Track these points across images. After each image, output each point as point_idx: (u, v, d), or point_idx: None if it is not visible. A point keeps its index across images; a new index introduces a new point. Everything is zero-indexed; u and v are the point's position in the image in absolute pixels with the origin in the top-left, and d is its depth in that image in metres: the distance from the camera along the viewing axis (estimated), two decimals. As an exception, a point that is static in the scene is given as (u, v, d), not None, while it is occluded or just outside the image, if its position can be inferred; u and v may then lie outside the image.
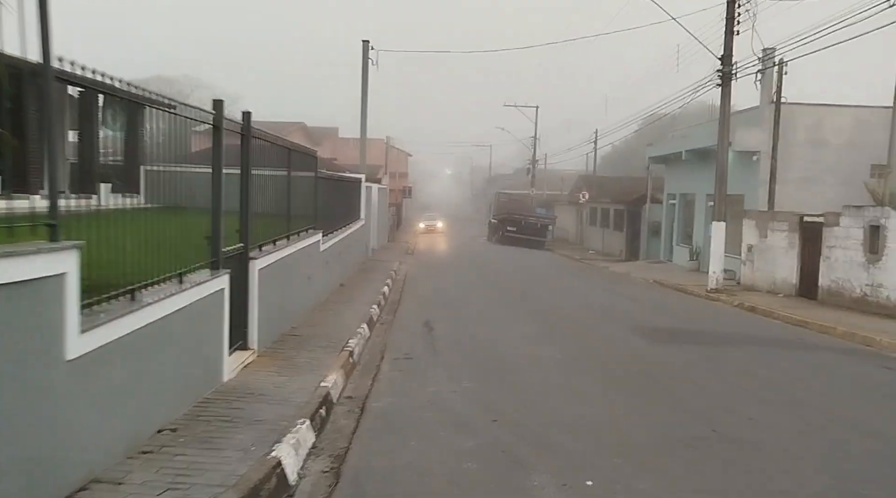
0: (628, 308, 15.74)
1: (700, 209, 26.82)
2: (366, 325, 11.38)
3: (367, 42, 23.19)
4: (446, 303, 15.53)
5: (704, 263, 26.21)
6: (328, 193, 15.54)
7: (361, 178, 23.53)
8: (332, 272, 15.37)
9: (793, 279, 18.63)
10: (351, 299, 14.52)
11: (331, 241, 14.88)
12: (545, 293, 18.23)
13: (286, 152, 10.34)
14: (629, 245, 35.18)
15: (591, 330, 12.07)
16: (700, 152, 25.68)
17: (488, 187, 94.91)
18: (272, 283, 9.11)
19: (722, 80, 19.78)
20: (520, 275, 23.79)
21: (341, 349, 9.09)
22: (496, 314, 13.77)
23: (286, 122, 57.93)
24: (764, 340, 11.96)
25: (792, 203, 21.08)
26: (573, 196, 50.08)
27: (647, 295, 19.43)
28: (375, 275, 20.22)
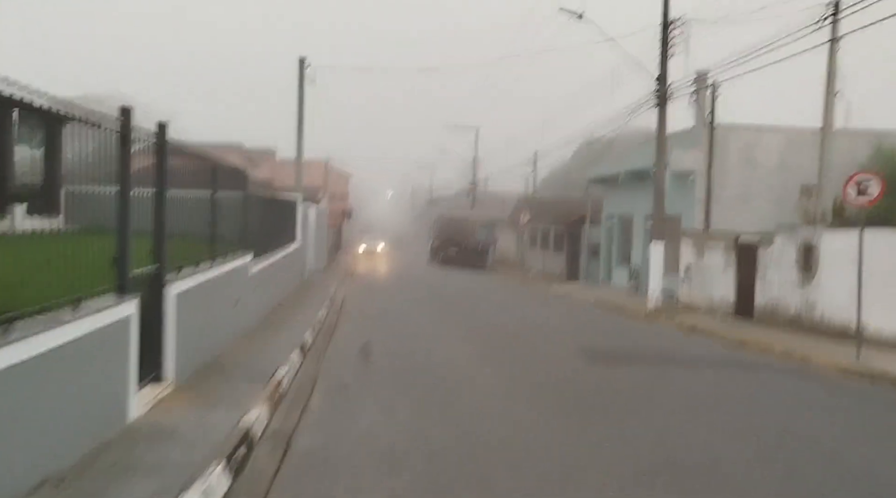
0: (570, 329, 15.50)
1: (638, 230, 27.06)
2: (297, 352, 10.73)
3: (304, 59, 22.63)
4: (385, 326, 14.97)
5: (643, 284, 26.40)
6: (260, 214, 14.86)
7: (297, 198, 22.82)
8: (265, 296, 14.64)
9: (730, 298, 18.79)
10: (284, 324, 13.81)
11: (262, 263, 14.18)
12: (487, 314, 17.86)
13: (211, 169, 9.69)
14: (569, 266, 35.29)
15: (534, 352, 11.70)
16: (637, 173, 25.94)
17: (430, 209, 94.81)
18: (193, 308, 8.42)
19: (658, 100, 20.01)
20: (461, 296, 23.40)
21: (268, 380, 8.44)
22: (436, 336, 13.29)
23: (223, 143, 56.53)
24: (706, 361, 11.83)
25: (727, 223, 21.40)
26: (514, 217, 50.25)
27: (588, 316, 19.29)
28: (313, 298, 19.50)
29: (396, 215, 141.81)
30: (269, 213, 16.14)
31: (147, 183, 7.74)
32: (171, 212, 7.80)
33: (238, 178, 11.97)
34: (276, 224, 17.50)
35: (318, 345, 12.50)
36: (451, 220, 50.72)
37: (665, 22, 19.47)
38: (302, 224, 23.45)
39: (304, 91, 22.64)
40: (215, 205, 9.95)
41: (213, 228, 9.91)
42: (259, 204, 14.64)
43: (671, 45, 19.65)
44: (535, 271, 39.65)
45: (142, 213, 6.60)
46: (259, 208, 14.64)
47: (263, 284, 14.37)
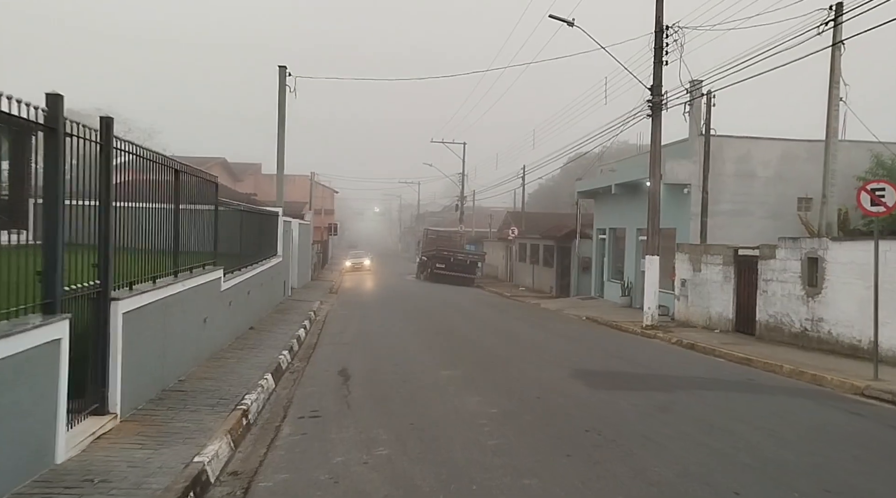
0: (564, 348, 14.64)
1: (631, 244, 26.35)
2: (270, 375, 9.80)
3: (285, 68, 21.81)
4: (367, 346, 14.05)
5: (637, 299, 25.65)
6: (234, 226, 13.96)
7: (278, 211, 21.92)
8: (239, 314, 13.70)
9: (729, 314, 18.03)
10: (259, 344, 12.87)
11: (236, 279, 13.25)
12: (475, 333, 16.97)
13: (173, 174, 8.81)
14: (559, 281, 34.52)
15: (527, 375, 10.80)
16: (630, 186, 25.28)
17: (416, 225, 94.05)
18: (148, 328, 7.51)
19: (652, 110, 19.33)
20: (448, 313, 22.50)
21: (234, 408, 7.52)
22: (421, 358, 12.37)
23: (206, 157, 55.54)
24: (713, 383, 10.97)
25: (722, 236, 20.72)
26: (502, 232, 49.53)
27: (582, 333, 18.45)
28: (292, 315, 18.55)
29: (383, 232, 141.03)
30: (246, 227, 15.24)
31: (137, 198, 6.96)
32: (129, 223, 6.94)
33: (206, 187, 11.08)
34: (254, 238, 16.58)
35: (294, 366, 11.58)
36: (439, 236, 49.95)
37: (658, 28, 18.83)
38: (283, 238, 22.53)
39: (284, 99, 21.81)
40: (179, 216, 9.06)
41: (177, 240, 9.02)
42: (233, 216, 13.74)
43: (665, 52, 19.02)
44: (525, 287, 38.84)
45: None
46: (233, 221, 13.74)
47: (238, 301, 13.44)
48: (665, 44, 18.90)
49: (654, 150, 19.42)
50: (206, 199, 11.16)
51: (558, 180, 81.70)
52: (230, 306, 12.60)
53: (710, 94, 20.20)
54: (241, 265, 14.23)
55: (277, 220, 21.84)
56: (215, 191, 11.62)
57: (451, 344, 14.50)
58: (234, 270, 13.29)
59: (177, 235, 8.98)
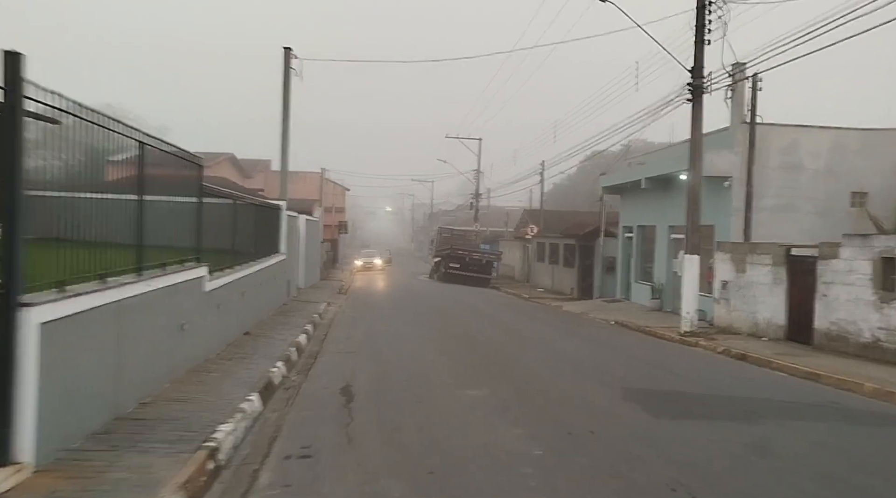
0: (601, 359, 12.83)
1: (662, 242, 24.48)
2: (257, 395, 8.09)
3: (289, 49, 20.13)
4: (376, 355, 12.30)
5: (668, 302, 23.80)
6: (225, 219, 12.28)
7: (281, 205, 20.25)
8: (231, 317, 12.01)
9: (780, 320, 16.15)
10: (252, 353, 11.18)
11: (227, 278, 11.56)
12: (498, 339, 15.21)
13: (138, 148, 7.12)
14: (581, 282, 32.66)
15: (569, 395, 8.98)
16: (662, 180, 23.42)
17: (430, 224, 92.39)
18: (88, 340, 5.81)
19: (693, 94, 17.46)
20: (466, 317, 20.73)
21: (200, 445, 5.80)
22: (439, 371, 10.60)
23: (214, 152, 54.08)
24: (794, 409, 9.01)
25: (765, 234, 18.86)
26: (519, 231, 47.71)
27: (615, 340, 16.63)
28: (295, 318, 16.87)
29: (395, 231, 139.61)
30: (241, 220, 13.57)
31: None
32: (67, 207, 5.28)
33: (185, 171, 9.38)
34: (251, 233, 14.91)
35: (290, 382, 9.86)
36: (453, 234, 48.17)
37: (700, 3, 16.97)
38: (287, 234, 20.86)
39: (289, 83, 20.12)
40: (143, 200, 7.36)
41: (140, 232, 7.32)
42: (224, 207, 12.06)
43: (708, 30, 17.16)
44: (543, 288, 37.02)
45: None
46: (224, 212, 12.06)
47: (229, 303, 11.75)
48: (707, 20, 17.04)
49: (695, 138, 17.57)
50: (185, 183, 9.47)
51: (574, 179, 79.83)
52: (218, 309, 10.90)
53: (755, 77, 18.32)
54: (233, 263, 12.54)
55: (280, 214, 20.17)
56: (198, 175, 9.92)
57: (471, 353, 12.71)
58: (224, 267, 11.60)
59: (140, 225, 7.29)
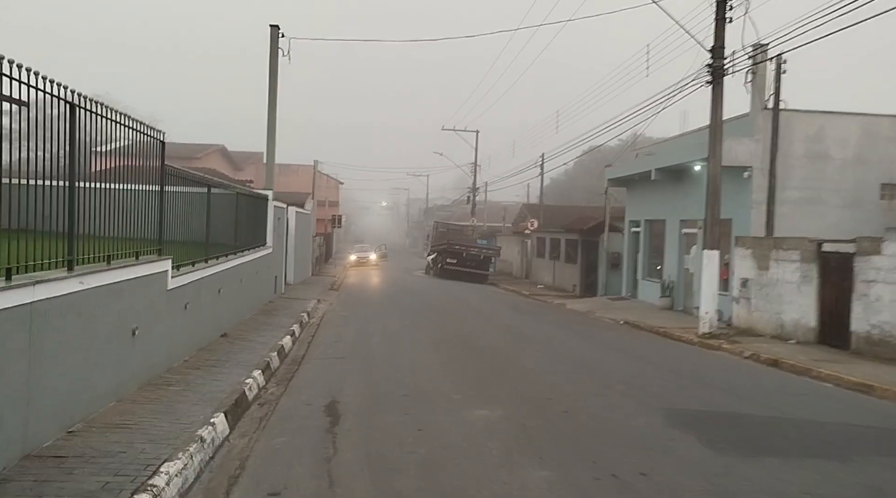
0: (624, 368, 11.42)
1: (672, 237, 23.09)
2: (223, 416, 6.67)
3: (277, 27, 18.61)
4: (367, 362, 10.87)
5: (679, 300, 22.44)
6: (197, 207, 10.83)
7: (268, 195, 18.79)
8: (204, 318, 10.58)
9: (810, 322, 14.79)
10: (226, 359, 9.76)
11: (197, 273, 10.12)
12: (504, 343, 13.80)
13: (65, 109, 5.68)
14: (584, 279, 31.28)
15: (599, 419, 7.45)
16: (673, 171, 22.03)
17: (425, 219, 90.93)
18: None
19: (712, 75, 16.08)
20: (466, 316, 19.33)
21: (131, 496, 4.37)
22: (441, 383, 9.16)
23: (203, 144, 52.50)
24: (872, 435, 7.52)
25: (788, 228, 17.51)
26: (518, 226, 46.33)
27: (631, 344, 15.25)
28: (280, 318, 15.45)
29: (391, 227, 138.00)
30: (217, 209, 12.13)
31: None
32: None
33: (145, 148, 7.93)
34: (230, 223, 13.47)
35: (267, 395, 8.44)
36: (450, 229, 46.74)
37: (724, -25, 15.58)
38: (275, 227, 19.43)
39: (276, 63, 18.62)
40: (75, 178, 5.92)
41: (72, 218, 5.89)
42: (196, 195, 10.61)
43: (730, 6, 15.77)
44: (543, 284, 35.63)
45: None
46: (196, 201, 10.61)
47: (200, 303, 10.31)
48: (730, -4, 15.66)
49: (715, 123, 16.20)
50: (144, 163, 8.02)
51: (572, 175, 78.46)
52: (186, 309, 9.47)
53: (780, 58, 16.92)
54: (208, 256, 11.11)
55: (267, 205, 18.72)
56: (160, 153, 8.46)
57: (476, 360, 11.27)
58: (196, 261, 10.17)
59: (72, 209, 5.85)
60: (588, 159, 63.93)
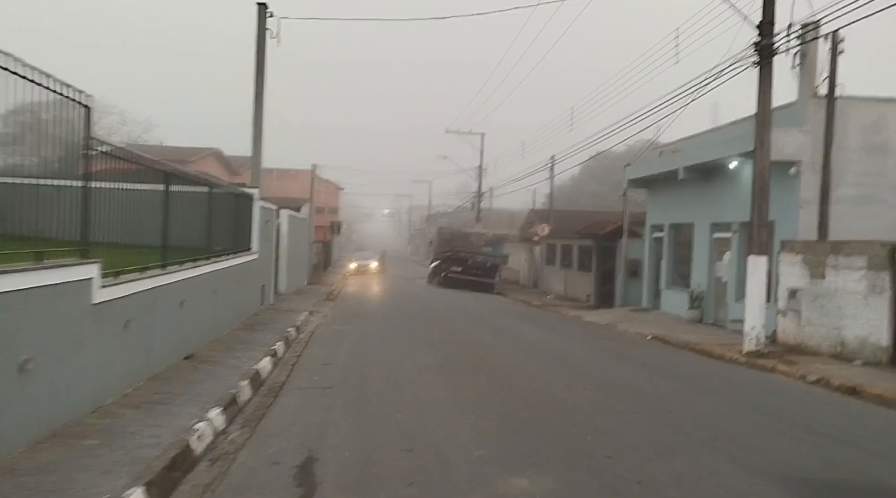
0: (678, 399, 9.28)
1: (701, 243, 20.97)
2: (142, 491, 4.55)
3: (264, 6, 16.57)
4: (362, 396, 8.70)
5: (710, 312, 20.31)
6: (154, 204, 8.76)
7: (253, 193, 16.70)
8: (155, 339, 8.47)
9: (881, 340, 12.64)
10: (181, 392, 7.66)
11: (145, 283, 8.02)
12: (524, 365, 11.67)
13: None
14: (600, 288, 29.12)
15: (687, 486, 5.29)
16: (703, 169, 19.95)
17: (427, 226, 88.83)
18: None
19: (760, 55, 14.01)
20: (477, 332, 17.19)
21: None
22: (456, 429, 6.94)
23: (197, 147, 50.54)
24: None
25: (841, 230, 15.46)
26: (526, 232, 44.25)
27: (668, 363, 13.13)
28: (263, 334, 13.34)
29: (392, 234, 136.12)
30: (181, 206, 10.04)
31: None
32: None
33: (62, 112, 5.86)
34: (202, 224, 11.38)
35: (224, 445, 6.30)
36: (454, 235, 44.65)
37: (775, -60, 13.54)
38: (261, 230, 17.34)
39: (264, 45, 16.52)
40: None
41: None
42: (147, 182, 8.53)
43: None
44: (554, 294, 33.49)
45: None
46: (144, 195, 8.52)
47: (149, 320, 8.21)
48: (782, -37, 13.60)
49: (763, 111, 14.11)
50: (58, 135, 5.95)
51: (578, 181, 76.37)
52: (127, 329, 7.36)
53: (836, 36, 14.85)
54: (164, 262, 9.01)
55: (252, 205, 16.63)
56: (85, 124, 6.36)
57: (498, 392, 9.03)
58: (143, 268, 8.07)
59: None
60: (594, 165, 61.86)
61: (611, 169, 76.45)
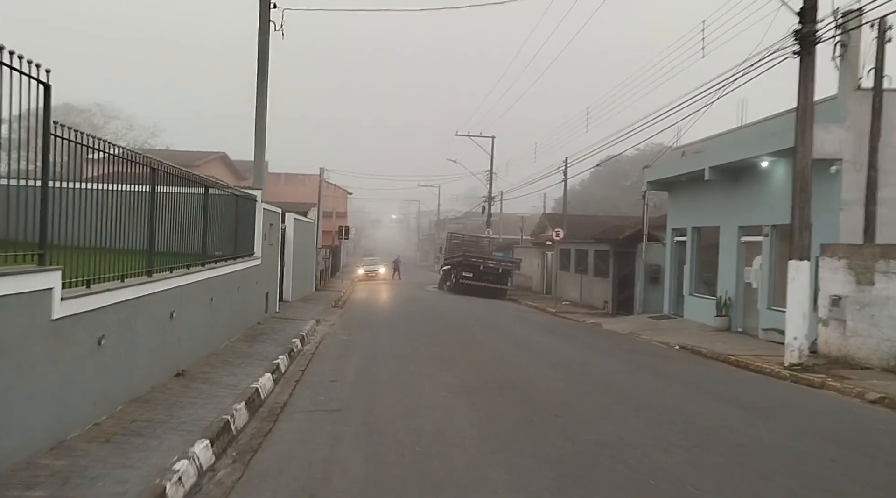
0: (724, 420, 8.21)
1: (728, 247, 19.83)
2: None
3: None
4: (373, 422, 7.61)
5: (738, 320, 19.17)
6: (138, 202, 7.75)
7: (256, 195, 15.70)
8: (139, 356, 7.45)
9: (942, 353, 11.51)
10: (166, 419, 6.63)
11: (124, 293, 6.99)
12: (554, 384, 10.58)
13: None
14: (617, 295, 27.99)
15: None
16: (731, 169, 18.84)
17: (436, 231, 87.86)
18: None
19: (801, 44, 12.94)
20: (496, 343, 16.11)
21: None
22: (490, 472, 5.82)
23: (203, 151, 49.73)
24: None
25: (886, 234, 14.31)
26: (539, 237, 43.17)
27: (706, 379, 12.03)
28: (265, 346, 12.32)
29: (401, 239, 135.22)
30: (171, 205, 9.04)
31: None
32: None
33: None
34: (196, 226, 10.36)
35: (206, 493, 5.25)
36: (464, 240, 43.61)
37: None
38: (266, 234, 16.34)
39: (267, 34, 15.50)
40: None
41: None
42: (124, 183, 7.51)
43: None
44: (569, 301, 32.36)
45: None
46: (126, 193, 7.51)
47: (127, 335, 7.19)
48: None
49: (805, 104, 13.03)
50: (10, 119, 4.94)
51: (588, 186, 75.25)
52: (100, 347, 6.33)
53: (883, 23, 13.74)
54: (150, 268, 8.00)
55: (255, 207, 15.64)
56: (45, 106, 5.35)
57: (532, 420, 7.77)
58: (122, 276, 7.05)
59: None
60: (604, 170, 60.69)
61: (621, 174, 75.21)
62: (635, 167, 74.06)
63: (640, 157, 68.53)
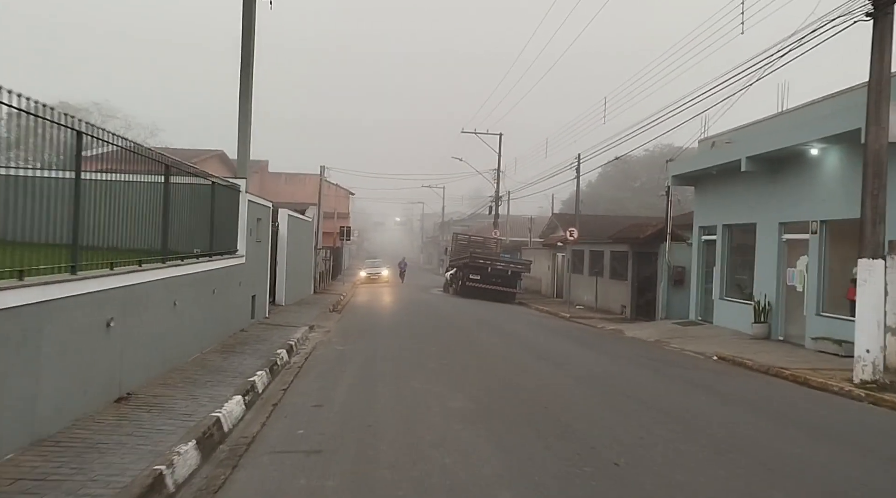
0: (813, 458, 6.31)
1: (768, 246, 17.84)
2: None
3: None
4: (364, 463, 5.69)
5: (777, 327, 17.17)
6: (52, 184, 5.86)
7: (240, 186, 13.81)
8: (46, 381, 5.55)
9: None
10: (65, 475, 4.70)
11: (21, 294, 5.09)
12: (585, 403, 8.67)
13: None
14: (636, 298, 26.00)
15: None
16: (770, 160, 16.91)
17: (440, 233, 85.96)
18: None
19: (876, 3, 11.03)
20: (510, 350, 14.18)
21: None
22: None
23: (201, 149, 47.90)
24: None
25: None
26: (549, 237, 41.22)
27: (768, 400, 10.07)
28: (246, 357, 10.44)
29: (405, 242, 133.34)
30: (119, 192, 7.15)
31: None
32: None
33: None
34: (155, 217, 8.46)
35: None
36: (471, 241, 41.66)
37: None
38: (249, 229, 14.45)
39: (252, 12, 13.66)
40: None
41: None
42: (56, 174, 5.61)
43: None
44: (583, 305, 30.39)
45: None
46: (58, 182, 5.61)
47: (31, 352, 5.29)
48: None
49: (881, 75, 11.10)
50: None
51: (595, 186, 73.30)
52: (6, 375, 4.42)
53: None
54: (75, 263, 6.09)
55: (238, 199, 13.75)
56: None
57: (576, 462, 5.79)
58: (16, 270, 5.15)
59: None
60: (613, 170, 58.74)
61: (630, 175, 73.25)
62: (644, 168, 72.08)
63: (649, 158, 66.63)
